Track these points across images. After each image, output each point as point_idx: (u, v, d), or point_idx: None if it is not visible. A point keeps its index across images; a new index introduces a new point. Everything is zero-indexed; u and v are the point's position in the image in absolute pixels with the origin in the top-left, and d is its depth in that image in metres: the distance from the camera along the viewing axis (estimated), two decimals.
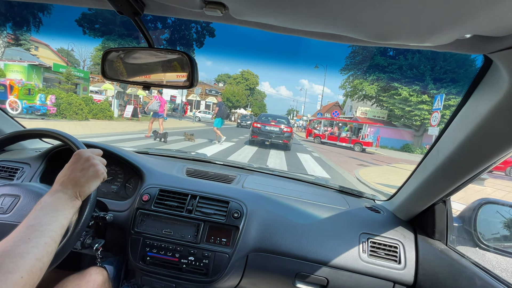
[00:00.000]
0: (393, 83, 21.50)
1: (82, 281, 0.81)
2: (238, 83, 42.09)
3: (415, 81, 20.56)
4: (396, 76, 21.38)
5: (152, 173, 1.10)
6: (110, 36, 16.41)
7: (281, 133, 9.95)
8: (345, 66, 26.10)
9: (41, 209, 0.54)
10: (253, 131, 10.21)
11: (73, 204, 0.60)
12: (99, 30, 16.75)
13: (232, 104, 36.13)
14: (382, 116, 25.65)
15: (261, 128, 9.99)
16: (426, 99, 20.05)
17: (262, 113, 12.56)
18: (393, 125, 23.98)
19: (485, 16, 0.35)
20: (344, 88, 27.18)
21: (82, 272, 0.84)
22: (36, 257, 0.47)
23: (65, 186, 0.60)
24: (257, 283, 1.02)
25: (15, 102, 9.69)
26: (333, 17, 0.41)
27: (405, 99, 20.73)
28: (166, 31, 19.29)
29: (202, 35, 20.45)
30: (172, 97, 29.23)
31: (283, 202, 1.08)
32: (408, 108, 20.71)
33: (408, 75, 20.86)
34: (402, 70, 21.27)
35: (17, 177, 1.04)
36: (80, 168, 0.64)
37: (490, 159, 0.62)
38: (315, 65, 28.42)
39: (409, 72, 20.89)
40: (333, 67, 27.83)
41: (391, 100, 22.08)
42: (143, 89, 0.69)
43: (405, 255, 0.93)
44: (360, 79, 24.14)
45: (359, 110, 26.63)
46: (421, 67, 20.37)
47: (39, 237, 0.49)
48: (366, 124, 19.82)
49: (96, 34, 16.91)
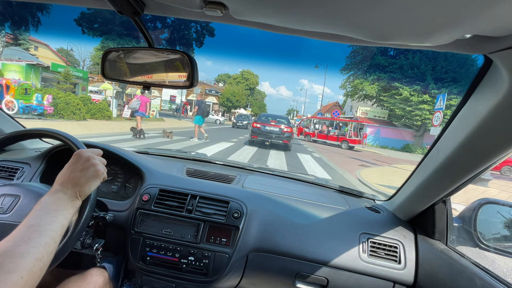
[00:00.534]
0: (394, 83, 21.20)
1: (84, 282, 0.81)
2: (238, 83, 41.92)
3: (416, 81, 20.30)
4: (397, 75, 21.08)
5: (152, 173, 1.10)
6: (109, 36, 16.31)
7: (281, 133, 9.86)
8: (346, 65, 25.77)
9: (41, 209, 0.54)
10: (253, 131, 10.12)
11: (73, 204, 0.60)
12: (98, 29, 16.65)
13: (232, 104, 35.90)
14: (382, 116, 25.39)
15: (261, 128, 9.91)
16: (427, 99, 19.86)
17: (262, 113, 12.52)
18: (394, 125, 23.76)
19: (485, 16, 0.35)
20: (344, 88, 26.88)
21: (83, 273, 0.84)
22: (36, 257, 0.47)
23: (65, 186, 0.60)
24: (257, 283, 1.02)
25: (11, 101, 9.67)
26: (333, 17, 0.41)
27: (406, 99, 20.49)
28: (165, 31, 19.17)
29: (202, 35, 20.34)
30: (172, 97, 28.78)
31: (283, 202, 1.08)
32: (409, 108, 20.49)
33: (409, 74, 20.57)
34: (403, 69, 21.00)
35: (17, 177, 1.04)
36: (80, 168, 0.64)
37: (490, 159, 0.62)
38: (315, 64, 28.29)
39: (410, 71, 20.61)
40: (333, 67, 27.67)
41: (392, 100, 21.77)
42: (143, 89, 0.69)
43: (405, 255, 0.93)
44: (360, 79, 23.85)
45: (359, 110, 26.37)
46: (422, 67, 20.15)
47: (39, 237, 0.49)
48: (367, 123, 19.80)
49: (95, 33, 16.82)
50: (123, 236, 0.98)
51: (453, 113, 0.69)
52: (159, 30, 19.00)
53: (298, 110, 52.84)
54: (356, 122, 19.85)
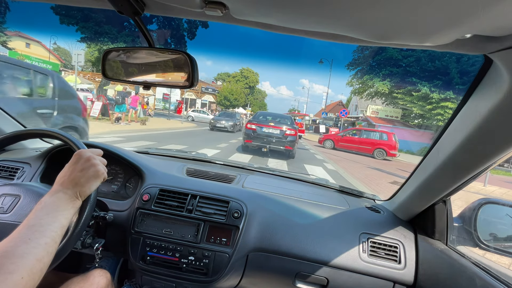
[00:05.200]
0: (411, 78, 18.09)
1: (86, 284, 0.81)
2: (237, 81, 40.78)
3: (437, 75, 17.23)
4: (414, 69, 17.94)
5: (152, 173, 1.10)
6: (86, 24, 15.07)
7: (283, 137, 7.53)
8: (353, 60, 22.09)
9: (42, 209, 0.54)
10: (247, 134, 7.71)
11: (73, 204, 0.60)
12: (75, 16, 15.11)
13: (230, 102, 34.87)
14: (395, 116, 22.84)
15: (257, 131, 7.56)
16: (450, 95, 16.92)
17: (258, 111, 9.79)
18: (409, 125, 20.83)
19: (485, 16, 0.35)
20: (351, 85, 23.24)
21: (86, 274, 0.85)
22: (36, 257, 0.47)
23: (65, 186, 0.60)
24: (257, 283, 1.02)
25: None
26: (333, 17, 0.41)
27: (426, 96, 17.52)
28: (153, 20, 17.65)
29: (194, 26, 18.38)
30: (165, 95, 26.81)
31: (283, 202, 1.08)
32: (429, 106, 17.50)
33: (429, 68, 17.38)
34: (420, 62, 17.62)
35: (18, 177, 1.04)
36: (80, 168, 0.64)
37: (490, 159, 0.62)
38: (320, 59, 24.55)
39: (430, 64, 17.32)
40: (334, 65, 26.67)
41: (408, 97, 18.75)
42: (143, 89, 0.69)
43: (405, 255, 0.93)
44: (370, 75, 20.70)
45: (369, 109, 24.31)
46: (445, 58, 17.02)
47: (39, 238, 0.49)
48: (379, 124, 17.80)
49: (72, 21, 15.20)
50: (123, 236, 0.99)
51: (453, 113, 0.69)
52: (147, 17, 18.28)
53: (300, 110, 52.42)
54: (382, 124, 17.88)
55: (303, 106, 53.03)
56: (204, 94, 37.58)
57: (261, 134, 7.59)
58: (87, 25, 15.35)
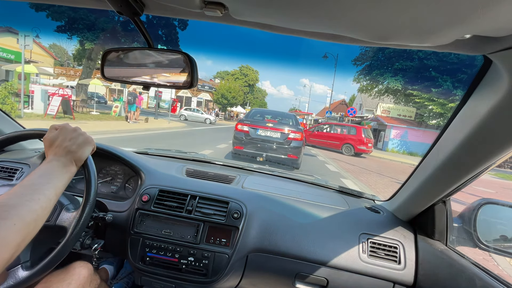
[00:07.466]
0: (429, 72, 15.68)
1: (67, 275, 0.81)
2: (236, 79, 39.25)
3: (462, 68, 14.91)
4: (432, 62, 15.43)
5: (152, 174, 1.10)
6: (59, 8, 13.95)
7: (285, 142, 5.46)
8: (360, 55, 19.67)
9: (35, 173, 0.56)
10: (237, 138, 5.62)
11: (67, 169, 0.62)
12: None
13: (227, 101, 33.37)
14: (408, 115, 20.67)
15: (251, 134, 5.51)
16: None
17: (253, 108, 7.74)
18: (425, 126, 18.83)
19: (485, 16, 0.35)
20: (358, 82, 20.74)
21: (66, 267, 0.85)
22: (28, 208, 0.49)
23: (58, 154, 0.63)
24: (257, 284, 1.02)
25: None
26: (333, 17, 0.41)
27: (448, 92, 15.45)
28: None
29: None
30: (158, 92, 26.75)
31: (283, 202, 1.08)
32: (452, 104, 15.36)
33: (451, 60, 14.97)
34: (440, 54, 14.81)
35: (17, 178, 1.04)
36: (69, 138, 0.66)
37: (490, 159, 0.62)
38: (324, 54, 20.85)
39: (453, 55, 14.51)
40: (334, 64, 25.87)
41: (426, 94, 16.54)
42: (143, 89, 0.69)
43: (405, 256, 0.92)
44: (380, 70, 18.24)
45: (380, 108, 21.93)
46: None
47: (32, 194, 0.51)
48: (392, 124, 16.18)
49: (42, 6, 14.01)
50: (122, 237, 0.98)
51: (453, 113, 0.69)
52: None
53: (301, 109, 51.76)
54: (394, 125, 16.35)
55: (305, 105, 52.04)
56: (200, 92, 36.51)
57: (256, 139, 5.51)
58: (59, 10, 14.31)
